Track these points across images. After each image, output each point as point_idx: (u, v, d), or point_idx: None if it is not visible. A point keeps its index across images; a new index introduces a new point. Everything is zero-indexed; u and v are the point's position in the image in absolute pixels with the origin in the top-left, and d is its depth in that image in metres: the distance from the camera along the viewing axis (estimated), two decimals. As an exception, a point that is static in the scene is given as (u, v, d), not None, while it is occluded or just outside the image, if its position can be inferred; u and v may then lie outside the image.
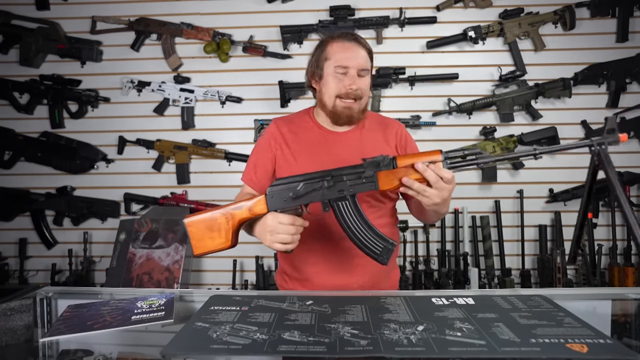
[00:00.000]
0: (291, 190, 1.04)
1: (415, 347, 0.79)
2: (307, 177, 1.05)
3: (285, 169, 1.29)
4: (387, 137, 1.33)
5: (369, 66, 1.26)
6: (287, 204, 1.04)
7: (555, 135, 2.47)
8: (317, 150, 1.28)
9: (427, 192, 1.00)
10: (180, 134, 2.62)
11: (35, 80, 2.60)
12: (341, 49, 1.24)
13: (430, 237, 2.54)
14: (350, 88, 1.22)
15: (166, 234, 2.46)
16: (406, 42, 2.54)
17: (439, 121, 2.54)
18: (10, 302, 1.06)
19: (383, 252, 1.04)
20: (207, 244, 1.07)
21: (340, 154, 1.27)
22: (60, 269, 2.63)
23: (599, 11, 2.47)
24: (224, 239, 1.07)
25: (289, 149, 1.30)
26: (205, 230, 1.07)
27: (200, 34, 2.56)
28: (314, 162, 1.26)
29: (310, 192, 1.04)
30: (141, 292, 1.17)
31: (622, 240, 2.46)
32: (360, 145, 1.29)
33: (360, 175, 1.03)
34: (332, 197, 1.04)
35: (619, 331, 0.98)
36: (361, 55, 1.23)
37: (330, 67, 1.24)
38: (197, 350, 0.80)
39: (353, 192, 1.03)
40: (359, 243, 1.05)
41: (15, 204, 2.63)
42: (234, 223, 1.07)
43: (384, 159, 1.02)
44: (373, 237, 1.04)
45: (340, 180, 1.04)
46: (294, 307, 1.02)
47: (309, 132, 1.32)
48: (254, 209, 1.06)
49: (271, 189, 1.05)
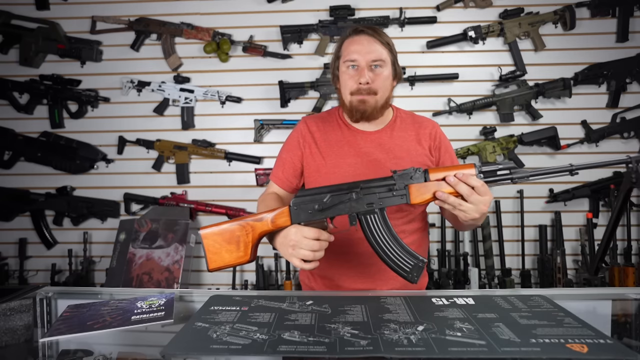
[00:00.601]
0: (317, 202, 0.98)
1: (415, 347, 0.79)
2: (334, 189, 0.99)
3: (313, 168, 1.26)
4: (419, 138, 1.28)
5: (385, 57, 1.19)
6: (312, 216, 0.99)
7: (556, 135, 2.47)
8: (346, 149, 1.25)
9: (464, 207, 0.96)
10: (180, 134, 2.62)
11: (35, 80, 2.60)
12: (350, 44, 1.21)
13: (430, 237, 2.53)
14: (360, 82, 1.17)
15: (166, 234, 2.46)
16: (406, 42, 2.54)
17: (439, 121, 2.51)
18: (10, 302, 1.06)
19: (413, 270, 0.98)
20: (224, 258, 1.00)
21: (370, 153, 1.24)
22: (60, 269, 2.63)
23: (599, 11, 2.46)
24: (243, 252, 1.00)
25: (317, 147, 1.27)
26: (222, 243, 1.00)
27: (200, 34, 2.56)
28: (343, 162, 1.24)
29: (337, 204, 0.98)
30: (141, 292, 1.17)
31: (622, 240, 2.46)
32: (390, 145, 1.25)
33: (391, 188, 0.98)
34: (360, 211, 0.98)
35: (619, 331, 0.98)
36: (372, 48, 1.18)
37: (342, 63, 1.22)
38: (197, 350, 0.80)
39: (382, 205, 0.98)
40: (387, 260, 0.99)
41: (15, 204, 2.63)
42: (254, 236, 1.00)
43: (416, 171, 0.98)
44: (402, 254, 0.98)
45: (370, 192, 0.98)
46: (294, 307, 1.01)
47: (338, 130, 1.29)
48: (277, 221, 1.00)
49: (295, 200, 1.00)
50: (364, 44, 1.18)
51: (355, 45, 1.19)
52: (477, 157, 2.52)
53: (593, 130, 2.48)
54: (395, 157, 1.24)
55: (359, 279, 1.23)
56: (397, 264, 0.98)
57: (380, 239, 0.98)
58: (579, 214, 2.52)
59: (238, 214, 2.56)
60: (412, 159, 1.25)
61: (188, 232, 2.46)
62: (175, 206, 2.58)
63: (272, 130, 2.59)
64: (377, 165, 1.23)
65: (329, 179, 1.25)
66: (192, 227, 2.53)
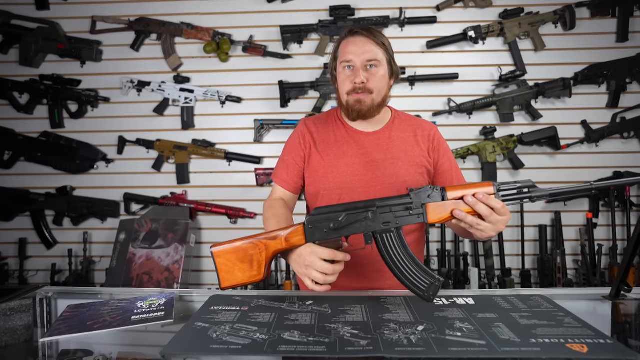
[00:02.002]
0: (332, 220, 0.96)
1: (415, 347, 0.79)
2: (350, 207, 0.97)
3: (312, 168, 1.27)
4: (418, 139, 1.28)
5: (380, 57, 1.21)
6: (327, 235, 0.97)
7: (556, 135, 2.47)
8: (344, 149, 1.26)
9: (482, 226, 0.95)
10: (180, 134, 2.62)
11: (35, 80, 2.60)
12: (346, 45, 1.23)
13: (430, 237, 2.54)
14: (355, 82, 1.19)
15: (166, 234, 2.46)
16: (406, 42, 2.54)
17: (439, 121, 2.54)
18: (10, 302, 1.06)
19: (429, 289, 0.94)
20: (237, 277, 0.98)
21: (368, 154, 1.25)
22: (60, 269, 2.63)
23: (599, 11, 2.46)
24: (256, 271, 0.98)
25: (316, 148, 1.28)
26: (235, 261, 0.98)
27: (200, 34, 2.56)
28: (341, 162, 1.25)
29: (353, 223, 0.96)
30: (141, 292, 1.17)
31: (622, 240, 2.46)
32: (389, 145, 1.26)
33: (408, 207, 0.96)
34: (376, 230, 0.97)
35: (619, 331, 0.98)
36: (366, 49, 1.20)
37: (339, 64, 1.24)
38: (197, 350, 0.80)
39: (399, 224, 0.96)
40: (403, 279, 0.96)
41: (15, 204, 2.63)
42: (267, 254, 0.99)
43: (433, 189, 0.96)
44: (419, 273, 0.96)
45: (386, 211, 0.97)
46: (294, 307, 1.01)
47: (337, 130, 1.30)
48: (291, 239, 0.99)
49: (310, 218, 0.98)
50: (359, 45, 1.20)
51: (350, 46, 1.21)
52: (477, 157, 2.53)
53: (593, 130, 2.48)
54: (393, 158, 1.25)
55: (357, 278, 1.24)
56: (413, 283, 0.96)
57: (397, 257, 0.97)
58: (579, 214, 2.52)
59: (238, 214, 2.56)
60: (410, 160, 1.25)
61: (188, 232, 2.46)
62: (175, 206, 2.58)
63: (272, 130, 2.59)
64: (375, 165, 1.24)
65: (327, 179, 1.25)
66: (192, 227, 2.53)
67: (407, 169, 1.24)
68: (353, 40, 1.22)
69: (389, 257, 0.97)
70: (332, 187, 1.25)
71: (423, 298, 0.95)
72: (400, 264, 0.97)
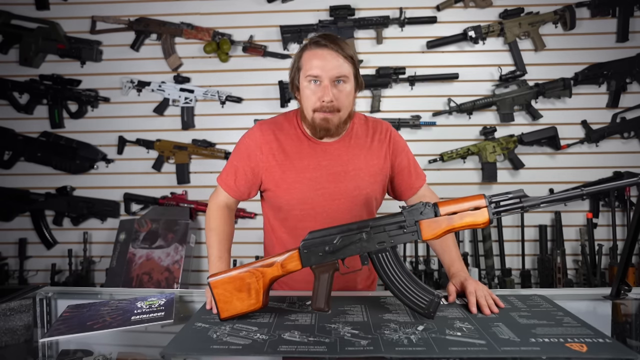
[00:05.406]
0: (327, 244, 0.97)
1: (415, 347, 0.79)
2: (344, 229, 0.98)
3: (272, 183, 1.24)
4: (375, 147, 1.26)
5: (348, 72, 1.15)
6: (323, 258, 0.97)
7: (556, 135, 2.46)
8: (305, 163, 1.22)
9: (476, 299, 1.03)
10: (180, 134, 2.62)
11: (35, 80, 2.60)
12: (311, 57, 1.14)
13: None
14: (323, 100, 1.13)
15: (166, 234, 2.46)
16: (406, 42, 2.54)
17: (439, 121, 2.54)
18: (10, 302, 1.06)
19: (429, 306, 0.94)
20: (236, 306, 0.97)
21: (329, 166, 1.22)
22: (60, 269, 2.63)
23: (599, 11, 2.46)
24: (255, 299, 0.97)
25: (275, 159, 1.23)
26: (233, 291, 0.97)
27: (200, 34, 2.56)
28: (303, 177, 1.22)
29: (348, 245, 0.97)
30: (141, 292, 1.17)
31: (622, 240, 2.46)
32: (349, 156, 1.23)
33: (401, 225, 0.96)
34: (371, 250, 0.97)
35: (619, 331, 0.98)
36: (335, 64, 1.13)
37: (303, 77, 1.16)
38: (197, 350, 0.80)
39: (394, 243, 0.97)
40: (403, 298, 0.96)
41: (15, 204, 2.62)
42: (264, 282, 0.98)
43: (425, 206, 0.96)
44: (417, 291, 0.96)
45: (380, 231, 0.97)
46: (294, 307, 1.02)
47: (297, 142, 1.24)
48: (287, 265, 0.98)
49: (305, 243, 0.98)
50: (327, 59, 1.13)
51: (317, 60, 1.13)
52: (477, 157, 2.53)
53: (593, 130, 2.47)
54: (355, 169, 1.23)
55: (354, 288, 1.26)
56: (413, 301, 0.95)
57: (394, 276, 0.97)
58: (579, 214, 2.52)
59: (238, 214, 2.55)
60: (370, 169, 1.24)
61: (188, 232, 2.46)
62: (175, 206, 2.58)
63: (272, 130, 2.58)
64: (337, 178, 1.22)
65: (290, 195, 1.22)
66: (192, 227, 2.53)
67: (368, 179, 1.23)
68: (321, 54, 1.13)
69: (386, 277, 0.98)
70: (296, 202, 1.22)
71: (424, 315, 0.95)
72: (399, 282, 0.97)
